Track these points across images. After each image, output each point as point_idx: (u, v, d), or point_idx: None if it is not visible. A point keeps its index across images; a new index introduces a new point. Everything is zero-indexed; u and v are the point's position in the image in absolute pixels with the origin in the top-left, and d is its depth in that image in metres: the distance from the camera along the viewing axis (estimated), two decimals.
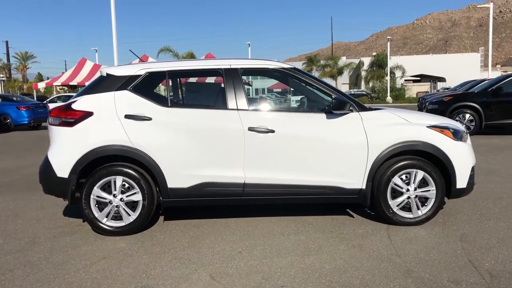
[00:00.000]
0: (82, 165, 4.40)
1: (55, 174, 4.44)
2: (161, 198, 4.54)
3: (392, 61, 49.08)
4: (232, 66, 4.66)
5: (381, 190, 4.55)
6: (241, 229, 4.63)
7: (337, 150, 4.52)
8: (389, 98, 43.46)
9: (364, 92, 47.81)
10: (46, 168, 4.50)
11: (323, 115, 4.57)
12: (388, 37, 48.10)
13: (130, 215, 4.48)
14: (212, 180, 4.47)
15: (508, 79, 13.21)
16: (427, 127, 4.63)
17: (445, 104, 13.07)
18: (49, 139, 4.71)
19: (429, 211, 4.62)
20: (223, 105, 4.56)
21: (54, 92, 48.99)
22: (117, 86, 4.56)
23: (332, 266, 3.62)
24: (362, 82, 54.38)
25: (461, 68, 66.12)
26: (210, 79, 14.40)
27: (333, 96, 4.60)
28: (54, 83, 38.03)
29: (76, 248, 4.19)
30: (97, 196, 4.45)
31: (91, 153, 4.39)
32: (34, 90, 41.04)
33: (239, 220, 4.93)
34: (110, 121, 4.45)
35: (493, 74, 49.07)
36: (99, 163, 4.47)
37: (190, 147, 4.44)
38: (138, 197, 4.46)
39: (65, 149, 4.46)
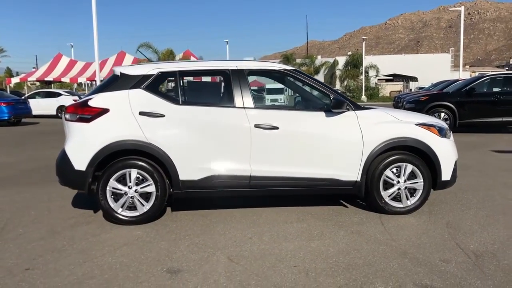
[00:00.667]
0: (99, 158, 4.70)
1: (73, 167, 4.72)
2: (172, 189, 4.86)
3: (366, 61, 50.07)
4: (239, 67, 5.02)
5: (374, 182, 5.00)
6: (246, 218, 5.00)
7: (335, 146, 4.94)
8: (363, 97, 44.41)
9: (339, 91, 48.64)
10: (64, 161, 4.77)
11: (322, 114, 4.99)
12: (363, 37, 49.09)
13: (144, 206, 4.80)
14: (220, 173, 4.83)
15: (480, 80, 13.96)
16: (416, 124, 5.10)
17: (422, 103, 13.72)
18: (64, 133, 4.99)
19: (417, 201, 5.09)
20: (230, 103, 4.92)
21: (25, 88, 48.15)
22: (131, 84, 4.87)
23: (336, 249, 4.04)
24: (337, 81, 55.27)
25: (432, 68, 67.86)
26: (207, 79, 14.76)
27: (331, 96, 5.02)
28: (29, 78, 37.53)
29: (95, 236, 4.49)
30: (113, 188, 4.75)
31: (108, 148, 4.69)
32: (8, 86, 40.27)
33: (243, 211, 5.30)
34: (125, 117, 4.76)
35: (463, 74, 50.59)
36: (114, 157, 4.77)
37: (200, 142, 4.78)
38: (151, 188, 4.78)
39: (83, 144, 4.74)
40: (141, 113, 4.77)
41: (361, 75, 51.08)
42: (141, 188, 4.78)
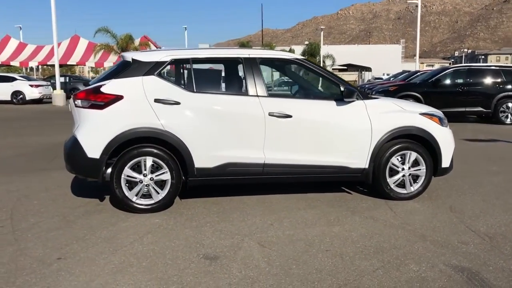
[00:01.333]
0: (113, 146, 4.62)
1: (86, 154, 4.62)
2: (187, 177, 4.86)
3: (323, 50, 50.87)
4: (251, 56, 5.06)
5: (381, 169, 5.19)
6: (259, 205, 5.07)
7: (345, 134, 5.09)
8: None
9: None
10: (75, 149, 4.66)
11: (333, 103, 5.12)
12: (321, 27, 49.77)
13: (158, 193, 4.77)
14: (235, 160, 4.88)
15: (445, 72, 14.58)
16: (419, 114, 5.34)
17: (391, 93, 14.18)
18: (74, 120, 4.87)
19: (420, 187, 5.35)
20: (244, 91, 4.96)
21: None
22: (144, 71, 4.80)
23: (358, 234, 4.20)
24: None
25: (384, 59, 69.92)
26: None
27: (341, 85, 5.15)
28: None
29: (114, 225, 4.43)
30: (128, 176, 4.70)
31: (123, 135, 4.62)
32: None
33: (252, 198, 5.36)
34: (140, 104, 4.70)
35: (412, 65, 52.24)
36: (128, 145, 4.70)
37: (215, 130, 4.80)
38: (166, 176, 4.76)
39: (96, 131, 4.65)
40: (156, 100, 4.72)
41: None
42: (156, 176, 4.75)
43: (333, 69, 51.58)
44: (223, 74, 5.60)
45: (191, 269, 3.43)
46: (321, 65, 46.63)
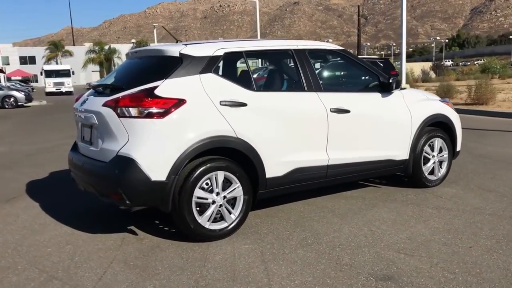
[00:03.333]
0: (183, 163, 3.71)
1: (148, 178, 3.60)
2: (257, 190, 4.17)
3: None
4: (299, 47, 4.57)
5: (418, 158, 5.22)
6: (315, 212, 4.63)
7: (392, 125, 4.98)
8: None
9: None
10: (133, 172, 3.59)
11: (379, 94, 4.94)
12: (154, 24, 48.22)
13: (231, 214, 4.00)
14: (301, 165, 4.36)
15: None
16: (440, 101, 5.51)
17: None
18: (113, 134, 3.75)
19: (444, 172, 5.54)
20: (301, 87, 4.46)
21: None
22: (200, 68, 3.94)
23: (458, 226, 4.11)
24: None
25: None
26: None
27: (380, 76, 4.99)
28: None
29: (187, 251, 3.56)
30: (198, 198, 3.82)
31: (195, 148, 3.74)
32: None
33: (297, 205, 4.88)
34: (206, 109, 3.85)
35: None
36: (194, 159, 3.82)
37: (282, 133, 4.22)
38: (238, 192, 4.01)
39: (159, 146, 3.66)
40: (222, 103, 3.92)
41: None
42: (228, 193, 3.96)
43: None
44: (273, 67, 4.93)
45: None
46: None
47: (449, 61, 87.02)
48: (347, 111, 4.58)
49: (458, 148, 5.69)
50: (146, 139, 3.65)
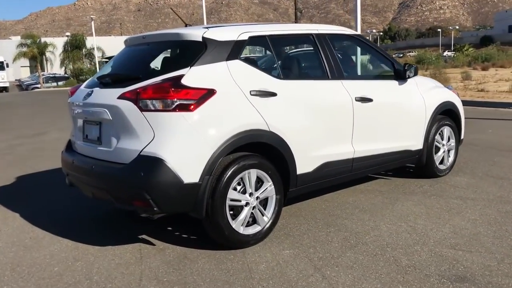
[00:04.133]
0: (217, 161, 3.26)
1: (179, 180, 3.13)
2: (288, 188, 3.80)
3: (90, 42, 47.53)
4: (319, 31, 4.22)
5: (430, 147, 5.05)
6: (329, 209, 4.33)
7: (409, 115, 4.78)
8: None
9: (67, 75, 44.92)
10: (160, 174, 3.10)
11: (395, 82, 4.70)
12: (91, 16, 45.89)
13: (263, 216, 3.60)
14: (330, 159, 4.04)
15: None
16: (447, 88, 5.37)
17: None
18: (132, 130, 3.23)
19: (452, 160, 5.42)
20: (325, 75, 4.12)
21: None
22: (226, 54, 3.49)
23: (484, 220, 3.93)
24: (57, 64, 50.61)
25: None
26: None
27: (394, 63, 4.76)
28: None
29: (223, 262, 3.15)
30: (231, 200, 3.39)
31: (229, 144, 3.30)
32: None
33: (316, 201, 4.56)
34: (237, 99, 3.42)
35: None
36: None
37: (311, 125, 3.87)
38: (271, 191, 3.62)
39: (189, 143, 3.19)
40: (252, 93, 3.50)
41: (85, 58, 48.25)
42: (261, 193, 3.56)
43: (105, 61, 48.67)
44: (295, 53, 4.53)
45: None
46: (96, 56, 43.47)
47: None
48: (370, 100, 4.30)
49: (463, 136, 5.60)
50: (175, 135, 3.16)
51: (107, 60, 52.59)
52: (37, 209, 4.74)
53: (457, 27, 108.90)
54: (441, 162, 5.25)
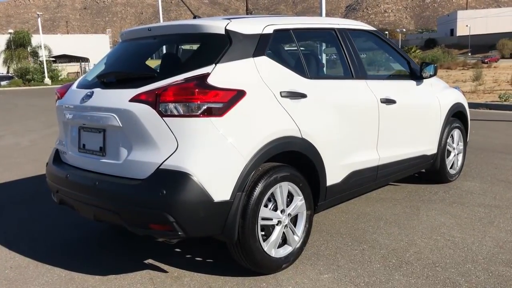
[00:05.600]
0: (250, 174, 2.78)
1: (209, 198, 2.62)
2: (317, 201, 3.37)
3: (36, 40, 45.25)
4: (341, 26, 3.82)
5: (443, 152, 4.78)
6: (350, 222, 3.96)
7: (427, 117, 4.49)
8: (47, 80, 40.01)
9: (11, 75, 42.47)
10: (187, 191, 2.57)
11: (413, 82, 4.38)
12: (38, 13, 43.46)
13: (294, 235, 3.15)
14: (357, 168, 3.65)
15: None
16: (456, 88, 5.13)
17: None
18: (151, 139, 2.69)
19: (461, 164, 5.18)
20: (349, 74, 3.72)
21: None
22: (252, 50, 3.01)
23: None
24: None
25: (93, 49, 67.31)
26: None
27: (410, 62, 4.45)
28: None
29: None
30: (263, 219, 2.92)
31: (262, 154, 2.83)
32: None
33: (326, 215, 4.16)
34: (268, 102, 2.95)
35: None
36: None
37: (341, 130, 3.46)
38: (302, 207, 3.18)
39: (219, 154, 2.69)
40: (282, 94, 3.04)
41: (30, 56, 45.88)
42: (292, 209, 3.11)
43: (51, 60, 46.49)
44: (314, 50, 4.08)
45: None
46: (44, 56, 41.35)
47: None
48: (394, 102, 3.95)
49: (468, 138, 5.38)
50: (203, 144, 2.65)
51: (54, 59, 50.40)
52: (12, 230, 4.07)
53: (404, 30, 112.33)
54: (451, 166, 4.99)
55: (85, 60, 56.14)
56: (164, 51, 3.59)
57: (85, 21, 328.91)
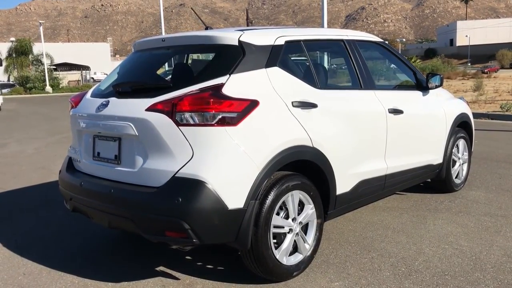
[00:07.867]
0: (263, 183, 2.83)
1: (224, 205, 2.67)
2: (327, 210, 3.41)
3: (37, 48, 45.44)
4: (349, 37, 3.89)
5: (449, 161, 4.83)
6: (358, 230, 4.00)
7: (433, 127, 4.55)
8: (48, 88, 40.10)
9: (12, 83, 42.56)
10: (202, 199, 2.62)
11: (420, 93, 4.45)
12: (40, 21, 43.65)
13: (305, 243, 3.19)
14: (365, 177, 3.70)
15: None
16: (460, 99, 5.19)
17: None
18: (167, 147, 2.74)
19: (466, 173, 5.23)
20: (358, 84, 3.78)
21: None
22: (265, 60, 3.08)
23: None
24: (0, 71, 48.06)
25: (94, 57, 67.60)
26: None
27: (416, 72, 4.51)
28: None
29: None
30: (275, 227, 2.96)
31: (275, 163, 2.88)
32: None
33: (333, 223, 4.20)
34: (280, 112, 3.01)
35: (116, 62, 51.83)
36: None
37: (350, 140, 3.51)
38: (312, 215, 3.22)
39: (234, 162, 2.74)
40: (294, 104, 3.10)
41: (32, 65, 46.02)
42: (303, 218, 3.15)
43: (52, 68, 46.60)
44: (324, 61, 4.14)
45: None
46: (45, 64, 41.45)
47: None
48: (401, 112, 4.01)
49: (473, 148, 5.43)
50: (218, 153, 2.70)
51: (55, 67, 50.54)
52: (23, 237, 4.10)
53: (403, 40, 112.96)
54: (457, 176, 5.04)
55: (86, 68, 56.39)
56: (173, 61, 3.66)
57: (86, 30, 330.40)
